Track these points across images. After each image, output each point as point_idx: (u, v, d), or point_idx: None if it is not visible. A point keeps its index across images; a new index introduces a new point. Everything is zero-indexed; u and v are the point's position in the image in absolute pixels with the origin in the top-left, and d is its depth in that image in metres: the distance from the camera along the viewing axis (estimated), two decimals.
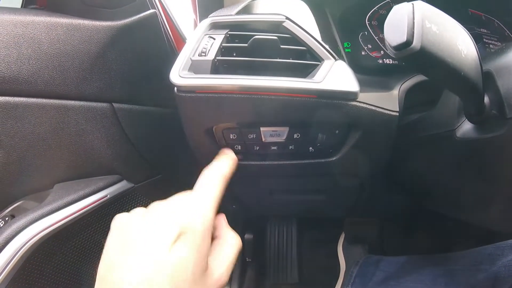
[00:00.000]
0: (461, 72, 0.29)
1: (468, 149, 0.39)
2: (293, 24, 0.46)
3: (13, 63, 0.50)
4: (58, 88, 0.54)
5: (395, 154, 0.53)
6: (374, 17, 0.61)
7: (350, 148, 0.50)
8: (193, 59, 0.43)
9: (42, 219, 0.54)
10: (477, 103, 0.34)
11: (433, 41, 0.27)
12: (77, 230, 0.61)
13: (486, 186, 0.40)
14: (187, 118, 0.47)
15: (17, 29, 0.51)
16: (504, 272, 0.50)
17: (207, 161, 0.54)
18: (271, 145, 0.49)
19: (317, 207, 0.71)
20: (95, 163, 0.63)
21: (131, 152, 0.67)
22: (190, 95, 0.43)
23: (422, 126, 0.48)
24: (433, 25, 0.27)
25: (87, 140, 0.60)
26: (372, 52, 0.59)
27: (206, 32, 0.46)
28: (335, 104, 0.44)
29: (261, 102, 0.43)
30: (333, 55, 0.45)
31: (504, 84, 0.34)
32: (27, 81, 0.52)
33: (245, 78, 0.42)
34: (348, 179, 0.58)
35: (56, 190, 0.59)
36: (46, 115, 0.55)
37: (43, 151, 0.56)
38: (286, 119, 0.47)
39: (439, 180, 0.49)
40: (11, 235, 0.51)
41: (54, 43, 0.53)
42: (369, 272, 0.77)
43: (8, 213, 0.56)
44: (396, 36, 0.27)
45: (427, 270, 0.64)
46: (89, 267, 0.65)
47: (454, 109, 0.41)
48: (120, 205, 0.68)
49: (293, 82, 0.42)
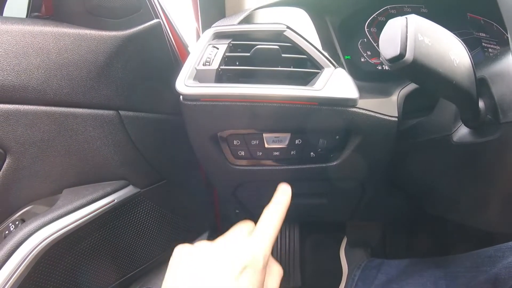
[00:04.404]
0: (453, 81, 0.30)
1: (465, 153, 0.40)
2: (293, 33, 0.47)
3: (23, 72, 0.52)
4: (66, 96, 0.56)
5: (394, 158, 0.54)
6: (373, 24, 0.62)
7: (351, 153, 0.51)
8: (197, 68, 0.44)
9: (51, 224, 0.55)
10: (472, 109, 0.35)
11: (425, 53, 0.28)
12: (85, 234, 0.62)
13: (483, 189, 0.40)
14: (192, 125, 0.49)
15: (26, 39, 0.52)
16: (505, 274, 0.50)
17: (210, 167, 0.55)
18: (273, 150, 0.51)
19: (319, 211, 0.72)
20: (102, 168, 0.64)
21: (137, 158, 0.68)
22: (195, 103, 0.44)
23: (420, 130, 0.49)
24: (426, 38, 0.29)
25: (95, 146, 0.61)
26: (371, 59, 0.60)
27: (209, 42, 0.47)
28: (335, 110, 0.45)
29: (264, 109, 0.44)
30: (332, 63, 0.47)
31: (498, 90, 0.35)
32: (36, 89, 0.53)
33: (248, 87, 0.43)
34: (349, 183, 0.59)
35: (65, 195, 0.60)
36: (55, 123, 0.56)
37: (52, 157, 0.57)
38: (288, 125, 0.48)
39: (437, 184, 0.50)
40: (22, 239, 0.52)
41: (62, 52, 0.55)
42: (371, 275, 0.77)
43: (18, 218, 0.58)
44: (390, 50, 0.29)
45: (429, 273, 0.64)
46: (97, 271, 0.66)
47: (451, 114, 0.42)
48: (126, 209, 0.69)
49: (294, 90, 0.43)
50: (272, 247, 0.38)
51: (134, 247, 0.75)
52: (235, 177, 0.56)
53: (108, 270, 0.70)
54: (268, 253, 0.37)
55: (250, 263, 0.35)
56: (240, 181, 0.58)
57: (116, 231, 0.69)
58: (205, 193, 0.92)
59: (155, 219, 0.77)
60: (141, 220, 0.74)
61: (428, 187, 0.53)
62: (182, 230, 0.85)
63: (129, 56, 0.61)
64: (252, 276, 0.34)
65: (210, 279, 0.33)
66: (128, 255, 0.74)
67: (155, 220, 0.77)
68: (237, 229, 0.40)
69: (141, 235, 0.75)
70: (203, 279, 0.33)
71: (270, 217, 0.40)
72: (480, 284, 0.53)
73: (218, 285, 0.33)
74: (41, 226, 0.54)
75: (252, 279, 0.34)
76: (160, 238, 0.80)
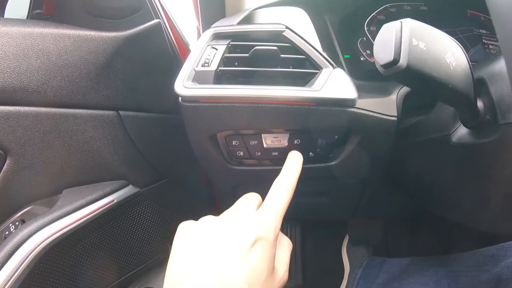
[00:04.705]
0: (449, 85, 0.30)
1: (464, 154, 0.40)
2: (292, 33, 0.47)
3: (23, 74, 0.52)
4: (66, 97, 0.56)
5: (394, 157, 0.54)
6: (372, 22, 0.62)
7: (350, 152, 0.51)
8: (196, 69, 0.44)
9: (51, 224, 0.55)
10: (470, 110, 0.35)
11: (419, 58, 0.28)
12: (85, 234, 0.62)
13: (482, 189, 0.40)
14: (191, 125, 0.49)
15: (26, 41, 0.52)
16: (507, 273, 0.50)
17: (210, 167, 0.55)
18: (272, 150, 0.51)
19: (320, 209, 0.72)
20: (102, 168, 0.64)
21: (137, 157, 0.68)
22: (194, 104, 0.44)
23: (419, 130, 0.48)
24: (421, 42, 0.28)
25: (95, 147, 0.62)
26: (370, 58, 0.60)
27: (208, 42, 0.47)
28: (334, 111, 0.45)
29: (262, 110, 0.44)
30: (331, 63, 0.46)
31: (496, 90, 0.35)
32: (36, 91, 0.53)
33: (247, 88, 0.43)
34: (348, 182, 0.59)
35: (65, 195, 0.60)
36: (55, 124, 0.56)
37: (52, 158, 0.58)
38: (287, 125, 0.48)
39: (436, 184, 0.50)
40: (22, 240, 0.53)
41: (62, 54, 0.55)
42: (373, 273, 0.77)
43: (18, 218, 0.58)
44: (384, 55, 0.29)
45: (430, 272, 0.64)
46: (97, 270, 0.67)
47: (449, 114, 0.42)
48: (126, 209, 0.70)
49: (292, 91, 0.43)
50: (282, 219, 0.37)
51: (134, 246, 0.75)
52: (234, 177, 0.56)
53: (108, 270, 0.70)
54: (279, 225, 0.35)
55: (261, 234, 0.33)
56: (239, 180, 0.58)
57: (116, 231, 0.69)
58: (205, 192, 0.92)
59: (155, 219, 0.77)
60: (141, 220, 0.74)
61: (428, 186, 0.53)
62: None
63: (129, 57, 0.61)
64: (264, 249, 0.32)
65: (219, 253, 0.31)
66: (127, 254, 0.74)
67: (155, 220, 0.77)
68: (243, 202, 0.38)
69: (141, 234, 0.75)
70: (212, 254, 0.31)
71: (280, 188, 0.38)
72: (482, 283, 0.53)
73: (227, 260, 0.31)
74: (41, 226, 0.54)
75: (264, 252, 0.32)
76: (160, 238, 0.80)
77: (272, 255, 0.33)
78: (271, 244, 0.33)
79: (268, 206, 0.36)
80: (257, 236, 0.32)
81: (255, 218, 0.35)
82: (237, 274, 0.30)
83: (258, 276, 0.31)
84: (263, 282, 0.31)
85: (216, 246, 0.32)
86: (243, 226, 0.33)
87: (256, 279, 0.31)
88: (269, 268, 0.33)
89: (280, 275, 0.35)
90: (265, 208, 0.36)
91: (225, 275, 0.30)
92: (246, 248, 0.31)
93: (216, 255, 0.31)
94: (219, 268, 0.30)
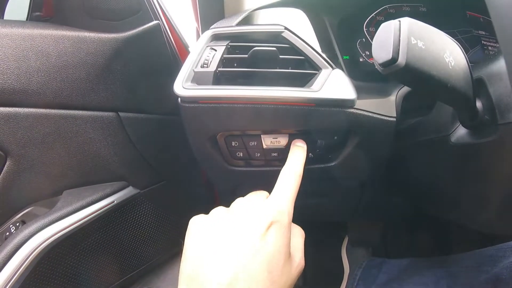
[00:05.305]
0: (448, 84, 0.30)
1: (463, 154, 0.40)
2: (291, 34, 0.47)
3: (23, 75, 0.52)
4: (66, 98, 0.56)
5: (394, 158, 0.54)
6: (372, 23, 0.62)
7: (349, 153, 0.51)
8: (195, 70, 0.44)
9: (52, 225, 0.55)
10: (469, 110, 0.35)
11: (418, 57, 0.28)
12: (85, 235, 0.62)
13: (481, 190, 0.40)
14: (190, 126, 0.49)
15: (25, 42, 0.53)
16: (506, 274, 0.50)
17: (209, 168, 0.55)
18: (271, 151, 0.51)
19: (320, 210, 0.72)
20: (102, 170, 0.64)
21: (137, 159, 0.68)
22: (193, 105, 0.44)
23: (418, 131, 0.48)
24: (419, 41, 0.28)
25: (95, 148, 0.62)
26: (370, 59, 0.60)
27: (207, 43, 0.47)
28: (333, 111, 0.45)
29: (261, 111, 0.44)
30: (330, 64, 0.46)
31: (495, 90, 0.35)
32: (36, 92, 0.54)
33: (246, 89, 0.43)
34: (348, 183, 0.59)
35: (65, 196, 0.61)
36: (55, 125, 0.56)
37: (52, 159, 0.58)
38: (286, 126, 0.48)
39: (436, 184, 0.50)
40: (22, 241, 0.53)
41: (62, 55, 0.55)
42: (372, 274, 0.77)
43: (18, 219, 0.58)
44: (382, 54, 0.29)
45: (430, 272, 0.64)
46: (97, 271, 0.67)
47: (448, 115, 0.42)
48: (126, 210, 0.70)
49: (291, 92, 0.43)
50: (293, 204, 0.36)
51: (134, 247, 0.75)
52: (234, 177, 0.56)
53: (108, 271, 0.70)
54: (291, 210, 0.35)
55: (276, 218, 0.32)
56: (239, 181, 0.58)
57: (116, 232, 0.69)
58: (205, 193, 0.92)
59: (155, 220, 0.77)
60: (141, 221, 0.74)
61: (427, 187, 0.53)
62: (183, 230, 0.85)
63: (129, 58, 0.61)
64: (279, 232, 0.32)
65: (235, 241, 0.31)
66: (128, 255, 0.74)
67: (155, 221, 0.77)
68: (251, 194, 0.38)
69: (141, 235, 0.75)
70: (227, 243, 0.31)
71: (288, 175, 0.38)
72: (481, 284, 0.53)
73: (243, 246, 0.30)
74: (41, 227, 0.54)
75: (280, 236, 0.32)
76: (160, 239, 0.80)
77: (288, 240, 0.33)
78: (286, 228, 0.33)
79: (279, 192, 0.36)
80: (271, 220, 0.32)
81: (267, 203, 0.34)
82: (254, 260, 0.29)
83: (276, 261, 0.31)
84: (282, 267, 0.31)
85: (231, 234, 0.31)
86: (256, 212, 0.33)
87: (275, 264, 0.30)
88: (286, 253, 0.32)
89: (297, 260, 0.35)
90: (276, 194, 0.36)
91: (242, 261, 0.29)
92: (261, 233, 0.31)
93: (231, 243, 0.31)
94: (235, 255, 0.30)
